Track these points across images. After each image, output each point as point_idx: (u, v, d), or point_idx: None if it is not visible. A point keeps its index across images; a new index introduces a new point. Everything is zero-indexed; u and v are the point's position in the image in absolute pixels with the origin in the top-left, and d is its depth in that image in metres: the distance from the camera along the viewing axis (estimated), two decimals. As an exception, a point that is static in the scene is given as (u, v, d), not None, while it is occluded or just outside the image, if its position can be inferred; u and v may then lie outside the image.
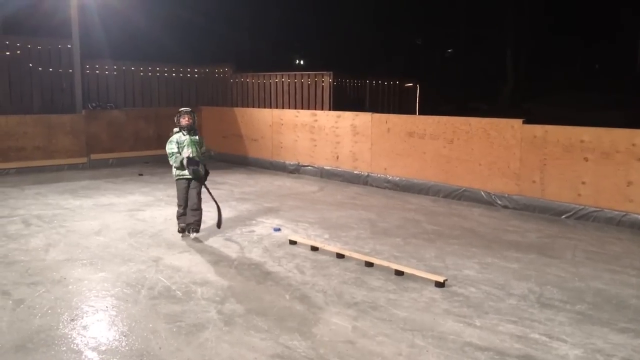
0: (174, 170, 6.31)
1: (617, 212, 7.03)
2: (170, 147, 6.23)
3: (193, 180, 6.26)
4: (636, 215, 6.87)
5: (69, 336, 3.83)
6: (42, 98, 12.05)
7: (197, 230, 6.33)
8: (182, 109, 6.42)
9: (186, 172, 6.19)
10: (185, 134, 6.24)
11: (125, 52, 16.62)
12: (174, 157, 6.20)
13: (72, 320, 4.08)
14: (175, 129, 6.33)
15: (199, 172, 6.21)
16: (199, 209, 6.31)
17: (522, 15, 26.48)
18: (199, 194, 6.31)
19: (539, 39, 27.23)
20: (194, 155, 6.20)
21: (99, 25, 14.08)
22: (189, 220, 6.28)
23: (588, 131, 7.31)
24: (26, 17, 14.41)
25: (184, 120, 6.24)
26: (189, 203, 6.29)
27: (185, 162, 6.13)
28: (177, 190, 6.37)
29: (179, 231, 6.39)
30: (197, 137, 6.33)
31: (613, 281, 5.03)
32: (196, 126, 6.43)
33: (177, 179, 6.32)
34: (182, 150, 6.17)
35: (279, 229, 6.69)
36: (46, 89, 12.11)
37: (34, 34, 12.74)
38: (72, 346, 3.69)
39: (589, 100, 22.12)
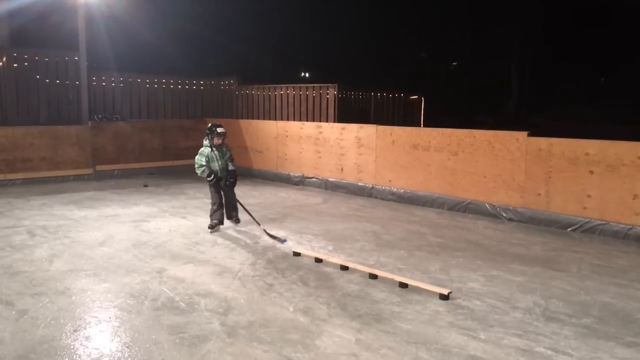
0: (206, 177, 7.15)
1: (623, 226, 6.99)
2: (200, 159, 7.06)
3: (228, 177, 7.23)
4: (642, 229, 6.82)
5: (72, 347, 3.82)
6: (48, 110, 12.14)
7: (239, 221, 7.37)
8: (218, 129, 7.05)
9: (221, 178, 7.17)
10: (213, 150, 7.07)
11: (131, 64, 16.74)
12: (202, 169, 7.03)
13: (75, 331, 4.08)
14: (206, 143, 7.09)
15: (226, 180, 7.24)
16: (236, 205, 7.36)
17: (527, 28, 26.55)
18: (234, 197, 7.35)
19: (544, 53, 27.26)
20: (221, 170, 7.14)
21: (106, 38, 14.24)
22: (231, 212, 7.32)
23: (593, 144, 7.29)
24: (34, 29, 14.58)
25: (217, 141, 7.06)
26: (228, 200, 7.26)
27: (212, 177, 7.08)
28: (211, 192, 7.24)
29: (209, 227, 7.13)
30: (223, 151, 7.18)
31: (619, 295, 4.98)
32: (225, 142, 7.26)
33: (210, 185, 7.18)
34: (211, 164, 7.07)
35: (285, 240, 6.68)
36: (53, 100, 12.21)
37: (41, 46, 12.88)
38: (74, 357, 3.68)
39: (595, 115, 22.08)
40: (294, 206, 9.06)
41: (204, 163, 7.03)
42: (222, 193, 7.24)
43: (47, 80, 12.11)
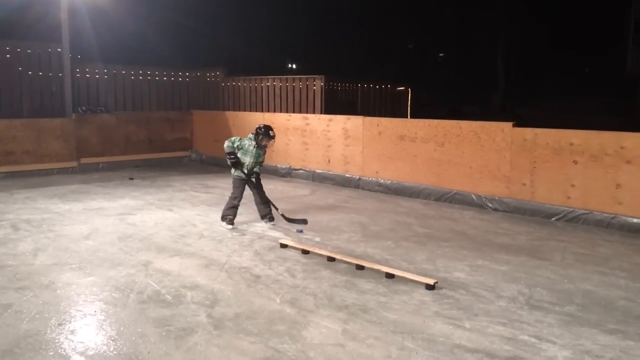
0: (232, 170, 6.99)
1: (606, 215, 7.07)
2: (234, 140, 6.90)
3: (252, 176, 7.01)
4: (625, 218, 6.92)
5: (57, 341, 3.80)
6: (31, 102, 11.98)
7: (272, 219, 7.08)
8: (271, 132, 6.89)
9: (245, 172, 6.93)
10: (255, 146, 6.88)
11: (115, 55, 16.56)
12: (229, 143, 6.83)
13: (60, 324, 4.05)
14: (251, 136, 6.91)
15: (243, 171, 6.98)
16: (267, 201, 7.09)
17: (514, 20, 26.64)
18: (262, 190, 7.11)
19: (529, 44, 27.39)
20: (249, 168, 6.95)
21: (90, 29, 14.05)
22: (264, 212, 7.09)
23: (577, 134, 7.36)
24: (16, 20, 14.35)
25: (265, 142, 6.91)
26: (260, 199, 7.07)
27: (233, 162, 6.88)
28: (234, 187, 7.04)
29: (227, 222, 6.93)
30: (261, 152, 6.98)
31: (602, 283, 5.05)
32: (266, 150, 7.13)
33: (235, 178, 7.02)
34: (242, 155, 6.88)
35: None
36: (36, 92, 12.05)
37: (24, 38, 12.69)
38: (59, 351, 3.66)
39: (579, 105, 22.28)
40: (281, 198, 9.03)
41: (234, 145, 6.84)
42: (244, 191, 7.07)
43: (30, 72, 11.94)
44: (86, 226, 6.95)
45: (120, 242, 6.23)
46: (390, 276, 5.09)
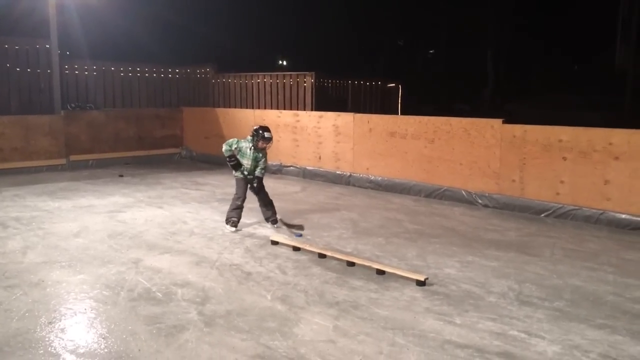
0: (233, 171, 6.75)
1: (594, 211, 7.13)
2: (231, 142, 6.65)
3: (253, 181, 6.74)
4: (613, 214, 6.98)
5: (47, 339, 3.78)
6: (19, 98, 11.88)
7: (276, 221, 6.82)
8: (266, 134, 6.61)
9: (244, 173, 6.69)
10: (251, 148, 6.63)
11: (104, 52, 16.46)
12: (226, 147, 6.60)
13: (50, 323, 4.03)
14: (248, 139, 6.68)
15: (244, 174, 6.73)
16: (270, 203, 6.88)
17: (503, 17, 26.76)
18: (265, 191, 6.86)
19: (519, 41, 27.52)
20: (248, 170, 6.69)
21: (78, 25, 13.93)
22: (267, 214, 6.88)
23: (566, 131, 7.41)
24: (2, 16, 14.19)
25: (262, 145, 6.63)
26: (262, 202, 6.84)
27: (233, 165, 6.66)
28: (237, 186, 6.78)
29: (231, 225, 6.65)
30: (259, 155, 6.69)
31: (590, 278, 5.10)
32: (266, 151, 6.80)
33: (237, 177, 6.76)
34: (240, 158, 6.65)
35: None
36: (24, 89, 11.95)
37: (11, 34, 12.56)
38: (49, 349, 3.64)
39: (569, 102, 22.41)
40: (272, 195, 8.96)
41: (232, 147, 6.59)
42: (247, 190, 6.79)
43: (18, 69, 11.84)
44: (76, 224, 6.91)
45: (110, 240, 6.20)
46: (381, 273, 5.11)
